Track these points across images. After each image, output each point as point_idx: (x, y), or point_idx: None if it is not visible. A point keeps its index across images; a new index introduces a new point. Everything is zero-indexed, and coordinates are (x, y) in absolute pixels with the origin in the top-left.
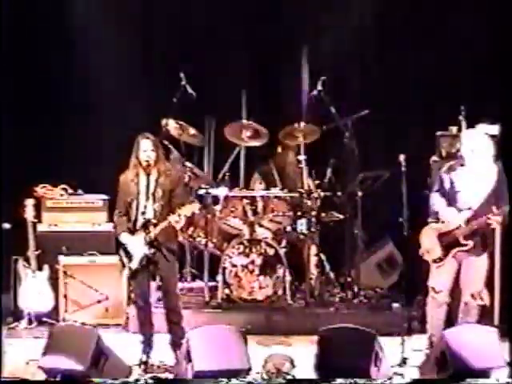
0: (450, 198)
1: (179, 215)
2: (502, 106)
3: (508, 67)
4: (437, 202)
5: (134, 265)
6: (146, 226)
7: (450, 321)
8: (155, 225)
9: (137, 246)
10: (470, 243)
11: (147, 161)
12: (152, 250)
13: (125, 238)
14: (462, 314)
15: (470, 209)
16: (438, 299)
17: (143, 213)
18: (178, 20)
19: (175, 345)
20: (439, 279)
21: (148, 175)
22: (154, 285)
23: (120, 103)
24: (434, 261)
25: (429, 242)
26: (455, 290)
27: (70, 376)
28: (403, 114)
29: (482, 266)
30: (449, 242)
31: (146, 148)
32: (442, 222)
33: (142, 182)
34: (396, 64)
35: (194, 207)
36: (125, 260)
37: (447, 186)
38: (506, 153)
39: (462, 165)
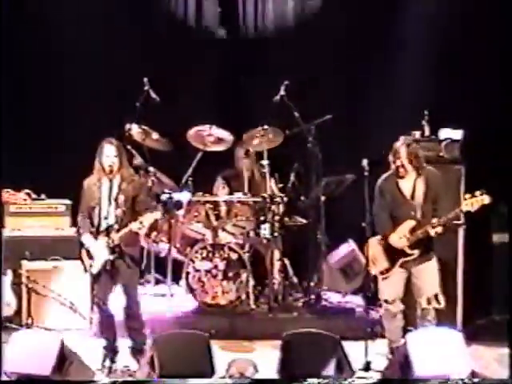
0: (391, 209)
1: (140, 223)
2: (469, 110)
3: (473, 71)
4: (378, 213)
5: (95, 269)
6: (108, 231)
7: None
8: (117, 230)
9: (99, 250)
10: (416, 252)
11: (110, 166)
12: (113, 256)
13: (87, 240)
14: (420, 321)
15: (411, 218)
16: (391, 310)
17: (106, 218)
18: (140, 23)
19: (136, 351)
20: (389, 290)
21: (111, 180)
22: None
23: (83, 108)
24: (381, 272)
25: (374, 254)
26: (409, 297)
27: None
28: (366, 118)
29: (433, 270)
30: (394, 253)
31: (109, 153)
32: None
33: (104, 187)
34: (359, 68)
35: (155, 215)
36: (86, 263)
37: (387, 196)
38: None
39: (400, 175)
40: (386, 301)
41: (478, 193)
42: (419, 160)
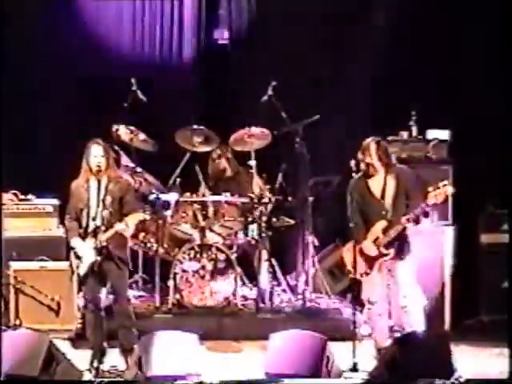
0: (363, 210)
1: (126, 224)
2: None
3: (461, 72)
4: (351, 217)
5: (83, 270)
6: (95, 232)
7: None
8: (105, 231)
9: (86, 251)
10: (392, 251)
11: (98, 166)
12: (100, 257)
13: (75, 242)
14: (400, 319)
15: (382, 218)
16: (375, 310)
17: (93, 219)
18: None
19: (125, 350)
20: (372, 291)
21: (98, 181)
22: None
23: (71, 108)
24: (361, 275)
25: (352, 259)
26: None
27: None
28: (354, 118)
29: (408, 268)
30: (371, 256)
31: (96, 154)
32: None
33: (92, 187)
34: (346, 68)
35: (139, 216)
36: (74, 265)
37: (358, 198)
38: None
39: (370, 173)
40: (369, 301)
41: (441, 184)
42: (388, 157)
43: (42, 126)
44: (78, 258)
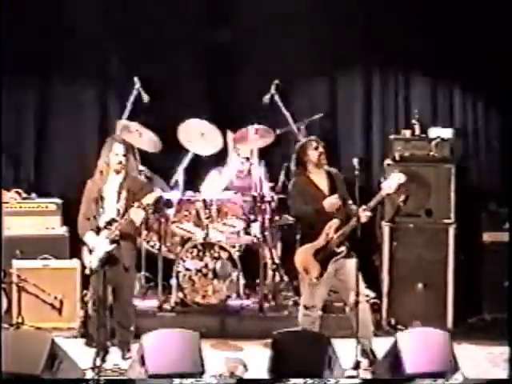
0: (315, 205)
1: (141, 204)
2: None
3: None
4: (302, 209)
5: (94, 263)
6: (109, 224)
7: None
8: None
9: (99, 244)
10: (344, 249)
11: (119, 164)
12: (113, 246)
13: (88, 237)
14: (356, 313)
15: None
16: (312, 315)
17: (107, 213)
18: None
19: (123, 348)
20: (313, 296)
21: (115, 177)
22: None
23: (75, 107)
24: (317, 278)
25: (305, 263)
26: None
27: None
28: (355, 117)
29: (355, 265)
30: (324, 257)
31: (118, 151)
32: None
33: (108, 182)
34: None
35: (156, 194)
36: (87, 261)
37: (306, 195)
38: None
39: (322, 162)
40: (305, 306)
41: (393, 174)
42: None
43: (46, 125)
44: (90, 251)
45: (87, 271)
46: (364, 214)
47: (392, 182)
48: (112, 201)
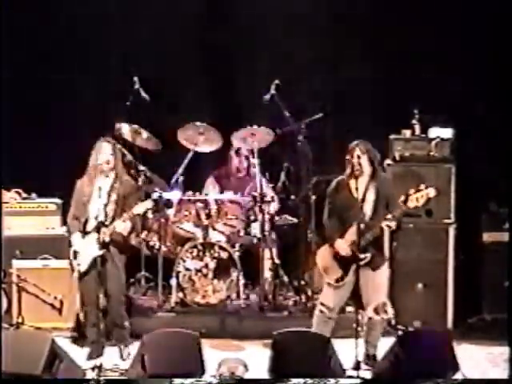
0: (341, 212)
1: (132, 213)
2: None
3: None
4: (326, 219)
5: (84, 267)
6: (98, 227)
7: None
8: (107, 227)
9: (88, 248)
10: (368, 256)
11: (106, 162)
12: (102, 251)
13: (76, 239)
14: (366, 329)
15: (360, 221)
16: (327, 314)
17: (97, 216)
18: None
19: (121, 346)
20: (334, 297)
21: (104, 179)
22: None
23: (73, 107)
24: (336, 281)
25: (326, 263)
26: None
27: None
28: (357, 117)
29: (382, 278)
30: (346, 260)
31: (105, 151)
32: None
33: (97, 184)
34: (349, 66)
35: (147, 203)
36: (74, 262)
37: (337, 200)
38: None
39: (356, 174)
40: (322, 303)
41: (422, 186)
42: (375, 159)
43: (46, 124)
44: (78, 256)
45: (75, 274)
46: (386, 224)
47: (422, 194)
48: (101, 203)
